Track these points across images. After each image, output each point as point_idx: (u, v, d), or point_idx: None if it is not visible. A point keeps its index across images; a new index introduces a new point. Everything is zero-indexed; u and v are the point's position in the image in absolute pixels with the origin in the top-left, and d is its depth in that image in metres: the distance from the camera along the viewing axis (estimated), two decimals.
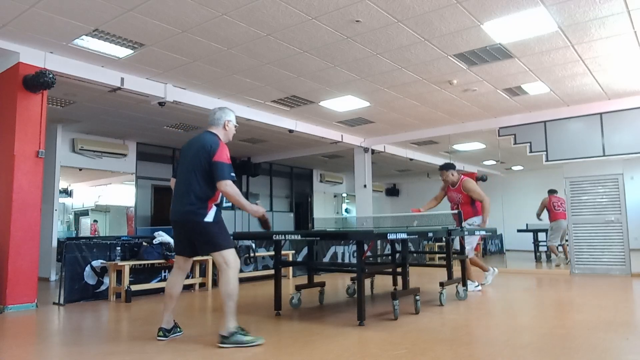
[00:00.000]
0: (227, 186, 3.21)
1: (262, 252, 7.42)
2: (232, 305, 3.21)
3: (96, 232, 10.04)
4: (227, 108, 3.61)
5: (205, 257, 6.44)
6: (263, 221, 3.49)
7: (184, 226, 3.36)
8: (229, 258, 3.26)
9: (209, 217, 3.28)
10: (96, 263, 5.60)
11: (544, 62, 5.93)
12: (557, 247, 9.31)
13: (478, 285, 5.75)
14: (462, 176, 6.03)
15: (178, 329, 3.53)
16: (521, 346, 3.10)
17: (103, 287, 5.64)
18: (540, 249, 10.64)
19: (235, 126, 3.62)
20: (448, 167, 6.02)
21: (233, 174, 3.27)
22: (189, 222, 3.30)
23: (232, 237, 3.51)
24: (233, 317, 3.21)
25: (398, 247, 5.92)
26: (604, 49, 5.53)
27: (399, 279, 5.19)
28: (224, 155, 3.28)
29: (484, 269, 6.01)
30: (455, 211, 5.68)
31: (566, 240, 9.31)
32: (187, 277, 6.33)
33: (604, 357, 2.83)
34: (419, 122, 8.97)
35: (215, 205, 3.34)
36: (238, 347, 3.14)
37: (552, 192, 9.54)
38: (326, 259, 8.23)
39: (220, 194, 3.34)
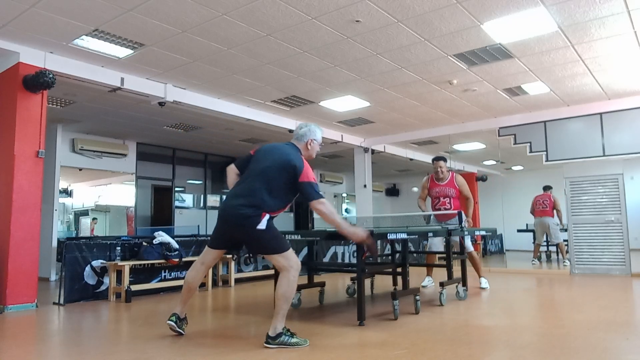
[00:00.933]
0: (322, 205, 3.21)
1: None
2: (286, 307, 3.18)
3: (94, 232, 10.04)
4: (315, 125, 3.61)
5: None
6: (368, 246, 3.34)
7: (238, 228, 3.26)
8: (292, 259, 3.23)
9: (262, 225, 3.21)
10: (96, 263, 5.60)
11: (544, 62, 5.93)
12: (545, 249, 9.49)
13: (487, 282, 5.95)
14: (451, 172, 6.08)
15: (184, 327, 3.55)
16: (521, 346, 3.10)
17: (103, 287, 5.64)
18: (540, 249, 10.64)
19: (321, 145, 3.63)
20: (442, 158, 6.06)
21: (322, 193, 3.27)
22: (244, 226, 3.22)
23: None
24: (283, 319, 3.18)
25: (398, 247, 5.92)
26: (604, 49, 5.53)
27: (399, 279, 5.19)
28: (310, 175, 3.27)
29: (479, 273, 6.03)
30: (455, 211, 5.67)
31: (565, 241, 9.30)
32: None
33: (604, 357, 2.83)
34: (419, 122, 8.97)
35: (270, 216, 3.27)
36: (283, 347, 3.12)
37: (546, 188, 9.64)
38: (326, 259, 8.23)
39: (283, 210, 3.35)
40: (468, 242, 5.73)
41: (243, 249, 3.58)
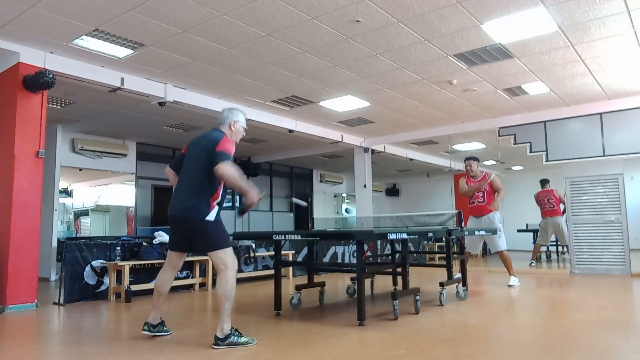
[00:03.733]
0: (224, 165, 3.11)
1: (262, 252, 7.42)
2: (229, 307, 3.19)
3: (80, 232, 10.03)
4: (237, 109, 3.59)
5: (205, 257, 6.45)
6: (248, 205, 3.28)
7: (184, 223, 3.31)
8: (227, 259, 3.23)
9: (211, 216, 3.24)
10: (96, 263, 5.60)
11: (544, 62, 5.93)
12: (545, 249, 9.14)
13: (518, 281, 6.16)
14: (484, 171, 6.48)
15: (165, 328, 3.54)
16: (521, 346, 3.10)
17: (103, 287, 5.64)
18: (540, 249, 10.63)
19: (244, 128, 3.60)
20: (474, 158, 6.46)
21: (230, 160, 3.19)
22: (190, 219, 3.26)
23: (231, 238, 3.49)
24: (228, 319, 3.19)
25: (398, 247, 5.92)
26: (604, 49, 5.53)
27: (399, 279, 5.19)
28: (225, 146, 3.23)
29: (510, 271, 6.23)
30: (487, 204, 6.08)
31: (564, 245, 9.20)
32: (187, 277, 6.37)
33: (604, 357, 2.83)
34: (419, 122, 8.97)
35: (217, 204, 3.30)
36: (232, 348, 3.13)
37: (542, 183, 9.23)
38: (326, 259, 8.23)
39: (221, 192, 3.32)
40: (498, 242, 6.03)
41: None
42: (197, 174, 3.29)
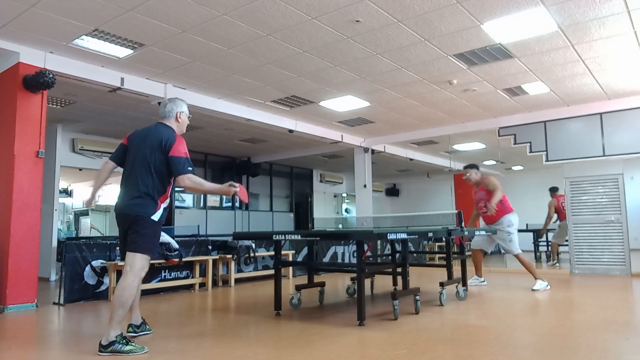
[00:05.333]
0: (188, 179, 3.08)
1: (262, 252, 7.42)
2: (121, 313, 3.02)
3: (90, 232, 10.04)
4: (178, 98, 3.47)
5: (205, 257, 6.46)
6: (237, 193, 3.25)
7: (127, 219, 3.17)
8: (136, 264, 3.09)
9: (155, 216, 3.16)
10: (96, 263, 5.60)
11: (544, 62, 5.93)
12: (546, 249, 9.20)
13: (547, 285, 5.76)
14: (483, 176, 6.16)
15: (147, 327, 3.55)
16: (521, 346, 3.10)
17: (103, 287, 5.64)
18: (540, 249, 10.64)
19: (189, 117, 3.47)
20: (471, 166, 6.18)
21: (191, 168, 3.15)
22: (132, 214, 3.13)
23: (231, 238, 3.46)
24: (118, 326, 3.02)
25: (398, 247, 5.92)
26: (604, 49, 5.53)
27: (399, 279, 5.19)
28: (181, 149, 3.15)
29: (534, 274, 5.90)
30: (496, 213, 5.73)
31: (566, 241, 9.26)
32: (187, 277, 6.37)
33: (604, 357, 2.83)
34: (419, 122, 8.97)
35: (164, 207, 3.22)
36: (116, 355, 2.96)
37: (555, 190, 9.29)
38: (326, 259, 8.22)
39: (169, 193, 3.26)
40: (510, 246, 5.79)
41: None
42: (145, 171, 3.15)
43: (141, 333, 3.51)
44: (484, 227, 6.08)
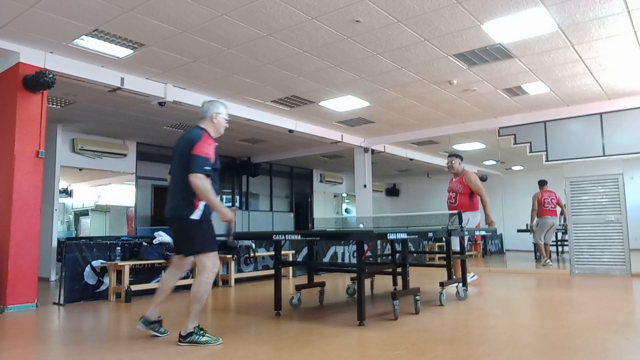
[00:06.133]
0: (196, 179, 3.13)
1: (262, 252, 7.42)
2: (197, 307, 3.24)
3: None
4: (218, 101, 3.57)
5: None
6: (228, 228, 3.41)
7: (173, 223, 3.36)
8: (207, 263, 3.24)
9: (195, 215, 3.25)
10: (96, 263, 5.60)
11: (544, 62, 5.93)
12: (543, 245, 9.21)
13: (474, 275, 6.02)
14: (465, 170, 6.20)
15: (162, 329, 3.53)
16: (521, 346, 3.10)
17: (103, 287, 5.64)
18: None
19: (226, 120, 3.58)
20: (456, 155, 6.26)
21: (207, 168, 3.19)
22: (176, 218, 3.31)
23: (231, 238, 3.52)
24: (195, 319, 3.24)
25: (398, 247, 5.92)
26: (604, 49, 5.53)
27: (399, 279, 5.19)
28: (202, 148, 3.21)
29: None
30: (454, 211, 5.66)
31: (564, 241, 9.26)
32: (187, 277, 6.37)
33: (604, 357, 2.83)
34: (419, 122, 8.97)
35: (203, 204, 3.28)
36: (193, 345, 3.17)
37: (542, 183, 9.32)
38: (326, 259, 8.22)
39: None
40: (454, 241, 5.61)
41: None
42: (180, 173, 3.27)
43: (151, 330, 3.48)
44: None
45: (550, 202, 9.12)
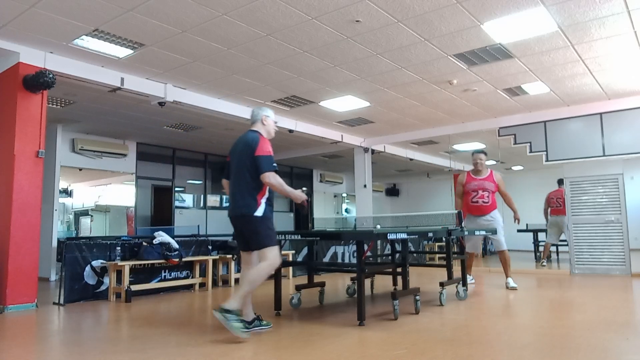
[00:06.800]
0: (270, 177, 3.43)
1: None
2: (247, 290, 3.38)
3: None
4: (265, 106, 3.87)
5: (205, 258, 6.46)
6: (302, 205, 3.72)
7: (238, 220, 3.56)
8: (268, 256, 3.44)
9: (259, 212, 3.47)
10: (96, 263, 5.60)
11: (544, 62, 5.93)
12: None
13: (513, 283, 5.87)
14: (490, 169, 6.20)
15: (263, 322, 3.62)
16: (521, 346, 3.10)
17: (103, 287, 5.64)
18: (540, 249, 10.62)
19: (275, 122, 3.86)
20: (484, 152, 6.26)
21: (275, 165, 3.49)
22: (242, 215, 3.51)
23: (231, 238, 3.61)
24: (240, 300, 3.35)
25: (398, 247, 5.92)
26: (604, 49, 5.53)
27: (399, 279, 5.19)
28: (264, 148, 3.50)
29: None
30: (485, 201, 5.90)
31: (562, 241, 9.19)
32: (187, 277, 6.37)
33: (604, 357, 2.83)
34: (419, 122, 8.97)
35: (266, 201, 3.53)
36: (224, 323, 3.26)
37: (560, 182, 9.08)
38: (326, 259, 8.22)
39: (268, 188, 3.55)
40: (503, 241, 5.89)
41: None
42: (242, 174, 3.53)
43: (255, 329, 3.54)
44: (483, 226, 6.01)
45: (556, 201, 9.05)
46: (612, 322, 3.81)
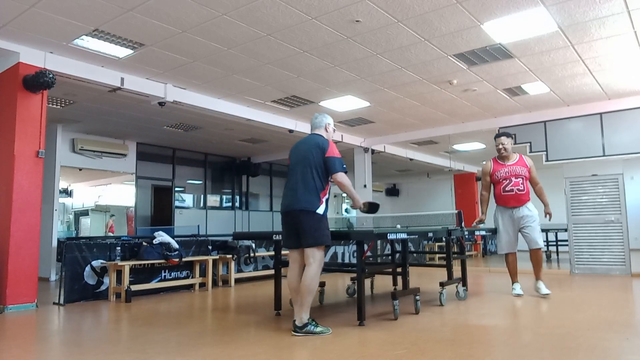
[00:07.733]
0: (341, 177, 3.63)
1: (262, 252, 7.42)
2: (310, 299, 3.47)
3: (114, 230, 10.03)
4: (325, 114, 3.99)
5: (205, 257, 6.46)
6: (365, 210, 3.99)
7: (297, 216, 3.57)
8: (317, 256, 3.51)
9: (320, 210, 3.57)
10: (96, 263, 5.60)
11: (544, 62, 5.93)
12: (546, 249, 9.12)
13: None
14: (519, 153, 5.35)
15: (317, 326, 3.52)
16: (521, 346, 3.10)
17: (103, 287, 5.64)
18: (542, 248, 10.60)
19: (334, 130, 4.01)
20: (507, 134, 5.28)
21: (344, 166, 3.67)
22: (303, 211, 3.54)
23: (231, 238, 3.61)
24: (308, 310, 3.47)
25: (398, 247, 5.92)
26: (604, 49, 5.53)
27: (399, 279, 5.19)
28: (334, 151, 3.67)
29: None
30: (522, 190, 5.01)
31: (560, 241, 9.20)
32: (187, 277, 6.37)
33: (604, 357, 2.83)
34: (419, 122, 8.97)
35: (325, 200, 3.63)
36: (309, 336, 3.40)
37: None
38: (326, 259, 8.21)
39: (329, 188, 3.70)
40: (539, 237, 5.09)
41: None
42: (306, 171, 3.63)
43: (304, 334, 3.47)
44: (522, 219, 5.13)
45: None
46: (612, 322, 3.81)
